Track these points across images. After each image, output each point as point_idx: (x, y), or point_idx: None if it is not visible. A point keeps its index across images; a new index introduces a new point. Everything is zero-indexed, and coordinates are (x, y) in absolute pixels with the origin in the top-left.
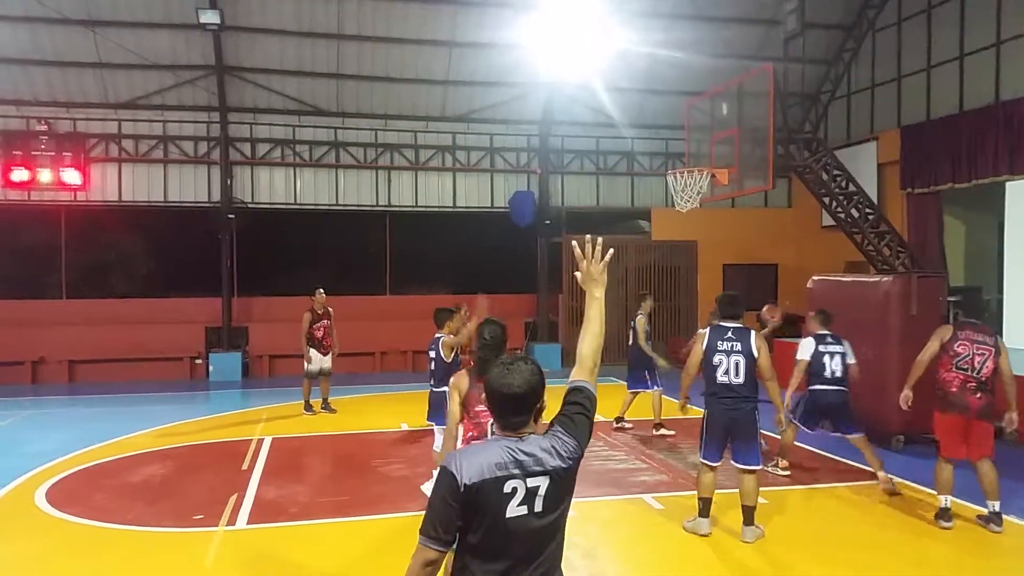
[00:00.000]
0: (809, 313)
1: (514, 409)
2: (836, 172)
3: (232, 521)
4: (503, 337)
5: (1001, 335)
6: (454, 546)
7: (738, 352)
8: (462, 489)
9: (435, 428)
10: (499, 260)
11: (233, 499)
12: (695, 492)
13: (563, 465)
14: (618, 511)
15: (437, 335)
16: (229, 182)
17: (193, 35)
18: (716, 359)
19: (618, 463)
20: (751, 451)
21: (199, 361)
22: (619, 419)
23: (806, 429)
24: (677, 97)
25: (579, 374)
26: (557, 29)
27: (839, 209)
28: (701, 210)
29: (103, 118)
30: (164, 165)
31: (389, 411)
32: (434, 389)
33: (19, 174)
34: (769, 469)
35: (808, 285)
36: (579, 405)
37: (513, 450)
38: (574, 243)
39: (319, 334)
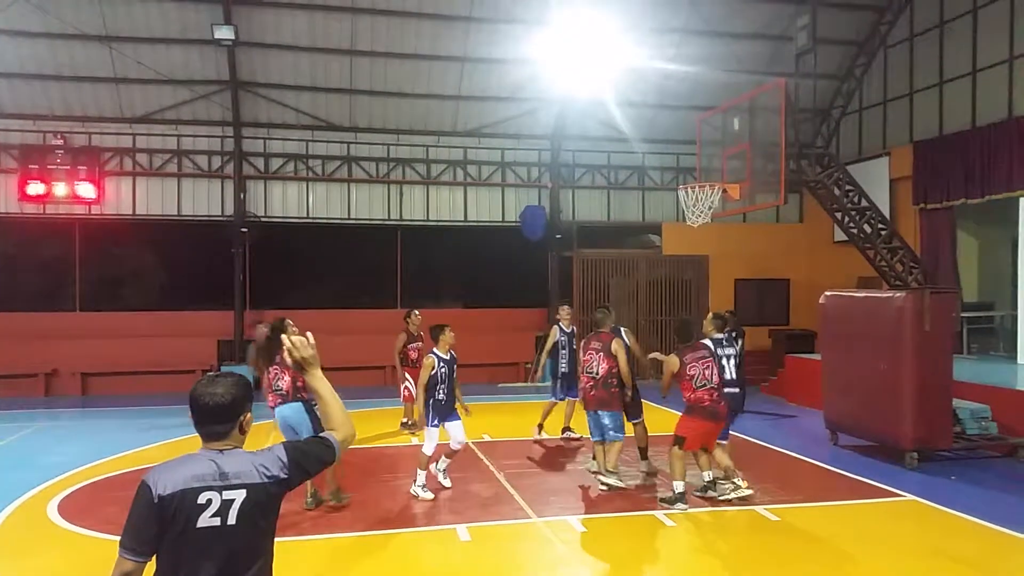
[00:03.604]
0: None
1: (216, 418)
2: (848, 187)
3: None
4: (282, 329)
5: (1016, 351)
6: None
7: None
8: (156, 500)
9: (426, 430)
10: (510, 274)
11: None
12: (708, 509)
13: (263, 482)
14: (630, 528)
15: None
16: (242, 196)
17: (208, 51)
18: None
19: (629, 479)
20: None
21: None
22: (565, 429)
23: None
24: (689, 112)
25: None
26: (568, 45)
27: (851, 224)
28: (712, 225)
29: (118, 132)
30: (178, 179)
31: (398, 425)
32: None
33: (35, 187)
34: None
35: (820, 300)
36: (320, 439)
37: (214, 462)
38: (283, 337)
39: (413, 355)
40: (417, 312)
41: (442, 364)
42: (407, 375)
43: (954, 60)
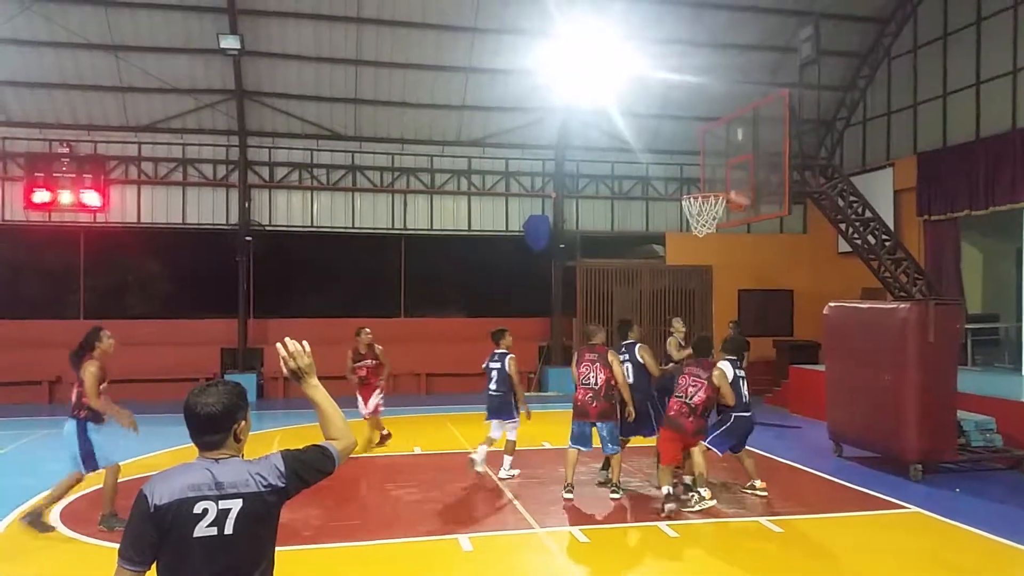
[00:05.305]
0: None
1: (209, 427)
2: (852, 198)
3: None
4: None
5: (1021, 363)
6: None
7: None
8: (152, 510)
9: (493, 423)
10: (513, 283)
11: None
12: (711, 520)
13: (259, 491)
14: (633, 539)
15: (498, 351)
16: (247, 205)
17: (213, 60)
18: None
19: (633, 489)
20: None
21: None
22: None
23: (718, 451)
24: (692, 122)
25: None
26: (572, 55)
27: (855, 235)
28: (716, 235)
29: (123, 141)
30: (183, 188)
31: (402, 435)
32: (492, 393)
33: (41, 195)
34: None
35: (824, 311)
36: (320, 449)
37: (210, 471)
38: (278, 346)
39: (362, 373)
40: (368, 329)
41: None
42: (358, 393)
43: (958, 72)
